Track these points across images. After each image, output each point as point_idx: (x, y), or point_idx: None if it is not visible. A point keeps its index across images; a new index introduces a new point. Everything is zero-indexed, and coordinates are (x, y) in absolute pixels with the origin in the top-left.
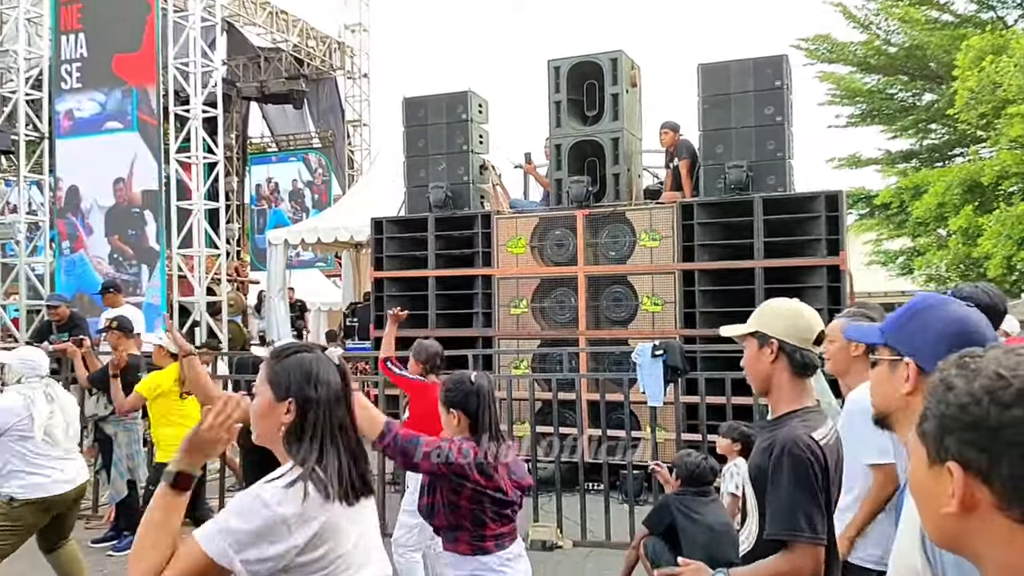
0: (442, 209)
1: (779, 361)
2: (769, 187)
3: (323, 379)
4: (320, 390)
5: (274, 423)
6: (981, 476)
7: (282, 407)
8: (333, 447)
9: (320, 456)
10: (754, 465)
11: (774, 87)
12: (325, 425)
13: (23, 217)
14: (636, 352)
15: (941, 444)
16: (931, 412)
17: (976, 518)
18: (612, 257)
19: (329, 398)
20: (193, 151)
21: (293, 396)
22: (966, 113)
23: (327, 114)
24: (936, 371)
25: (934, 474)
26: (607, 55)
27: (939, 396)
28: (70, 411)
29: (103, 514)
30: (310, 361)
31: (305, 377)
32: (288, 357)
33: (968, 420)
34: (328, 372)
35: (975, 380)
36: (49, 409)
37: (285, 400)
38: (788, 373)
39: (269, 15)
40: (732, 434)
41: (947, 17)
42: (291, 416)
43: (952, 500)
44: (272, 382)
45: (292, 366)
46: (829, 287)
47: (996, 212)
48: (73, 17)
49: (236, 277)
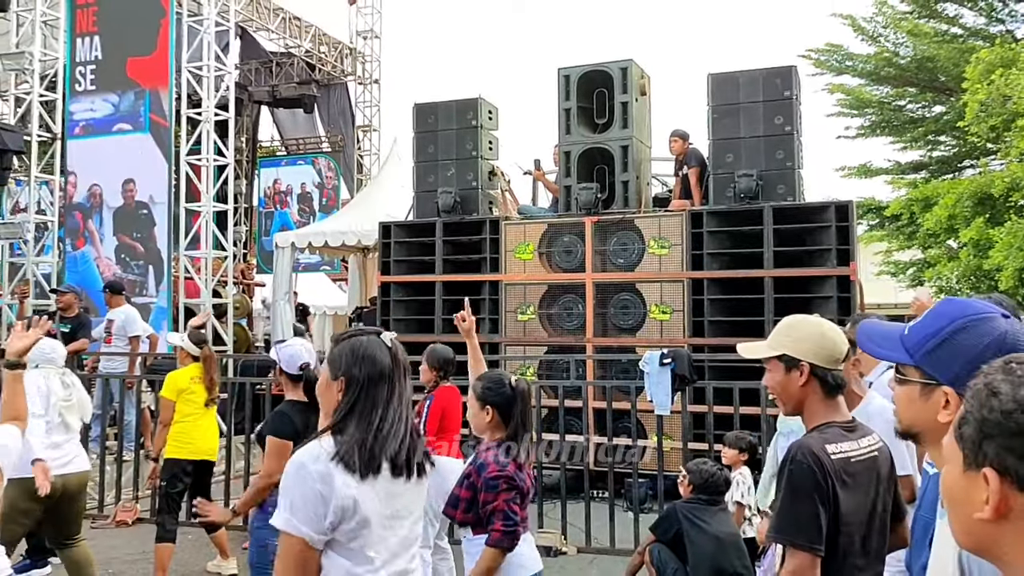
0: (450, 214)
1: (810, 384)
2: (779, 196)
3: (369, 358)
4: (364, 368)
5: (331, 400)
6: (1018, 484)
7: (336, 385)
8: (364, 420)
9: (345, 425)
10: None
11: (783, 97)
12: (360, 399)
13: (32, 217)
14: (644, 360)
15: (980, 449)
16: (972, 416)
17: (1008, 525)
18: (620, 264)
19: (372, 375)
20: (204, 154)
21: (343, 374)
22: (976, 125)
23: (337, 119)
24: (980, 374)
25: (969, 479)
26: (617, 64)
27: (982, 401)
28: (85, 404)
29: (108, 513)
30: (361, 342)
31: (352, 355)
32: (344, 340)
33: (1011, 427)
34: (377, 352)
35: (1021, 387)
36: (66, 394)
37: (338, 379)
38: (820, 395)
39: (282, 21)
40: (739, 444)
41: (956, 30)
42: (341, 392)
43: (986, 506)
44: (330, 362)
45: (343, 346)
46: (839, 297)
47: (1007, 224)
48: (88, 20)
49: (242, 280)
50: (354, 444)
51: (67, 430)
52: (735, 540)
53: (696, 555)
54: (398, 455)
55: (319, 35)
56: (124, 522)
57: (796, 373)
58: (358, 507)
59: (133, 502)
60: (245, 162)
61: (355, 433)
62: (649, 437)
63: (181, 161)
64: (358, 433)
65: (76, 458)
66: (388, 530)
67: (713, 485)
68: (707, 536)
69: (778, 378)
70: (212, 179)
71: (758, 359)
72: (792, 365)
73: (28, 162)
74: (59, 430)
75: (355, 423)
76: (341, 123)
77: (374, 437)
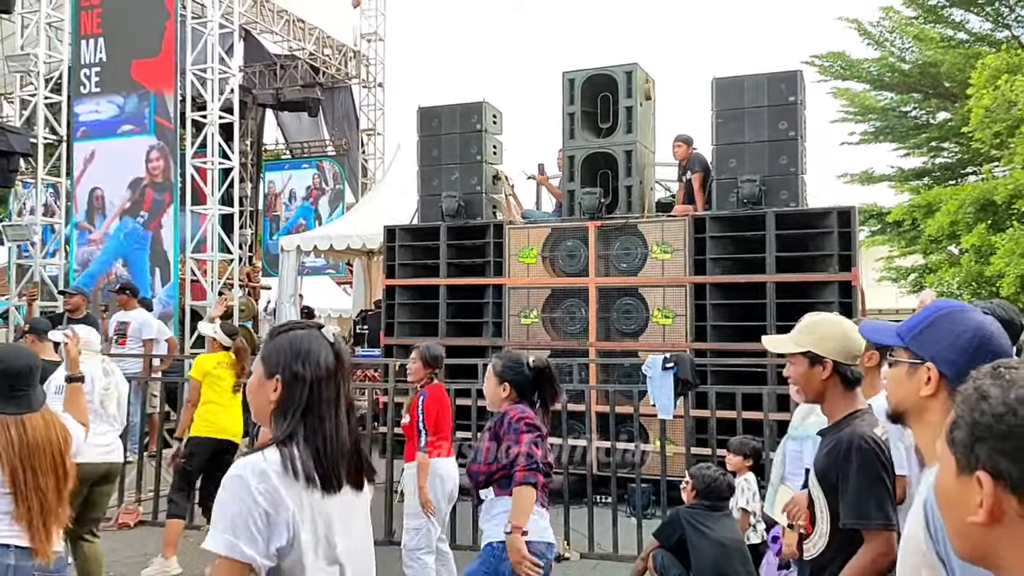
0: (454, 218)
1: (832, 378)
2: (782, 202)
3: (313, 355)
4: (308, 367)
5: (264, 400)
6: (1011, 486)
7: (271, 384)
8: (317, 425)
9: (295, 432)
10: (820, 466)
11: (788, 102)
12: (311, 401)
13: (39, 219)
14: (647, 364)
15: (972, 453)
16: (963, 421)
17: (1002, 528)
18: (623, 269)
19: (318, 375)
20: (209, 156)
21: (280, 372)
22: (980, 131)
23: (341, 122)
24: (969, 380)
25: (962, 483)
26: (622, 68)
27: (972, 405)
28: (123, 390)
29: (111, 516)
30: (301, 338)
31: (294, 354)
32: (281, 335)
33: (1002, 430)
34: (320, 348)
35: (1011, 390)
36: (106, 382)
37: (273, 377)
38: (840, 387)
39: (286, 23)
40: (743, 450)
41: (962, 36)
42: (278, 392)
43: (980, 509)
44: (264, 358)
45: (283, 343)
46: (841, 303)
47: (1009, 231)
48: (93, 22)
49: (247, 282)
50: (310, 454)
51: (107, 417)
52: (739, 546)
53: (699, 561)
54: (350, 464)
55: (323, 38)
56: (126, 524)
57: (819, 368)
58: (315, 524)
59: (135, 504)
60: (250, 165)
61: (308, 441)
62: (652, 442)
63: (186, 164)
64: (312, 441)
65: (117, 448)
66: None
67: (716, 490)
68: (710, 542)
69: (801, 371)
70: (217, 182)
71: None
72: (816, 361)
73: (35, 164)
74: (100, 417)
75: (305, 429)
76: (345, 126)
77: (330, 445)
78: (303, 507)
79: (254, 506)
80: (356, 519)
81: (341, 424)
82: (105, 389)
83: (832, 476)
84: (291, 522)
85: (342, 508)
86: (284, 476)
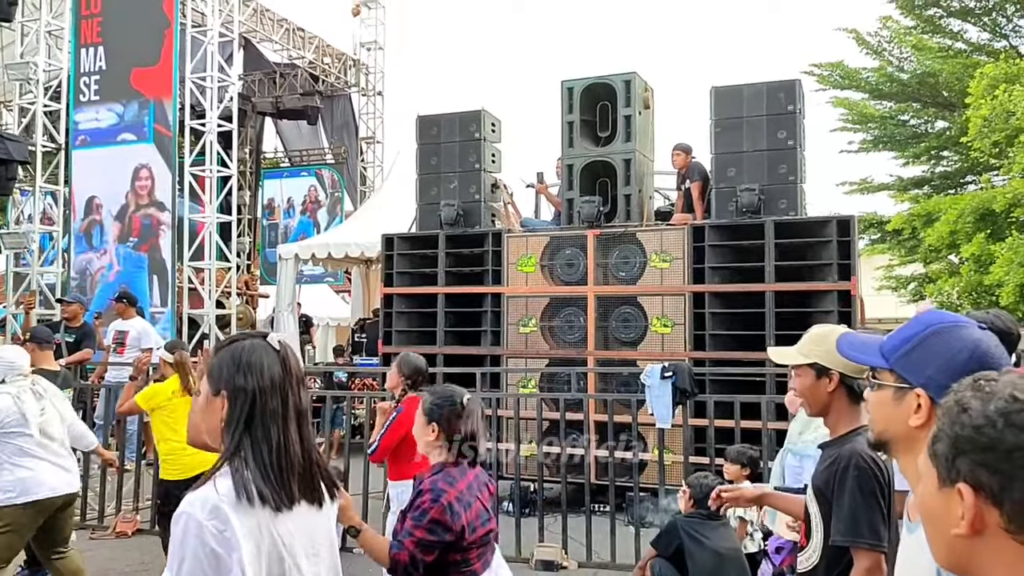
0: (453, 227)
1: (838, 391)
2: (781, 211)
3: (255, 366)
4: (250, 378)
5: (215, 420)
6: (992, 499)
7: (218, 402)
8: (261, 438)
9: (240, 449)
10: (819, 480)
11: (787, 111)
12: (253, 414)
13: (37, 227)
14: (645, 373)
15: (953, 465)
16: (944, 433)
17: (984, 541)
18: (622, 278)
19: (260, 386)
20: (207, 164)
21: (224, 387)
22: (979, 141)
23: (341, 130)
24: (950, 392)
25: (944, 496)
26: (620, 77)
27: (953, 417)
28: (61, 405)
29: (108, 524)
30: (243, 349)
31: (235, 366)
32: (223, 348)
33: (982, 442)
34: (263, 359)
35: (990, 402)
36: (40, 406)
37: (220, 394)
38: (846, 401)
39: (286, 32)
40: (741, 459)
41: (960, 45)
42: (225, 409)
43: (962, 522)
44: (209, 376)
45: (224, 357)
46: (840, 312)
47: (1008, 240)
48: (93, 30)
49: (245, 291)
50: (259, 472)
51: (52, 441)
52: (736, 555)
53: (697, 570)
54: (304, 479)
55: (323, 46)
56: (124, 533)
57: (826, 380)
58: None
59: (133, 513)
60: (249, 173)
61: (256, 458)
62: (651, 451)
63: (185, 172)
64: (260, 457)
65: (69, 476)
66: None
67: None
68: (708, 551)
69: (807, 383)
70: (216, 190)
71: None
72: (823, 373)
73: (33, 172)
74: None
75: (252, 446)
76: (344, 134)
77: (280, 460)
78: (262, 535)
79: (201, 547)
80: (320, 539)
81: (290, 437)
82: (41, 412)
83: (828, 492)
84: (243, 562)
85: (305, 528)
86: (238, 505)
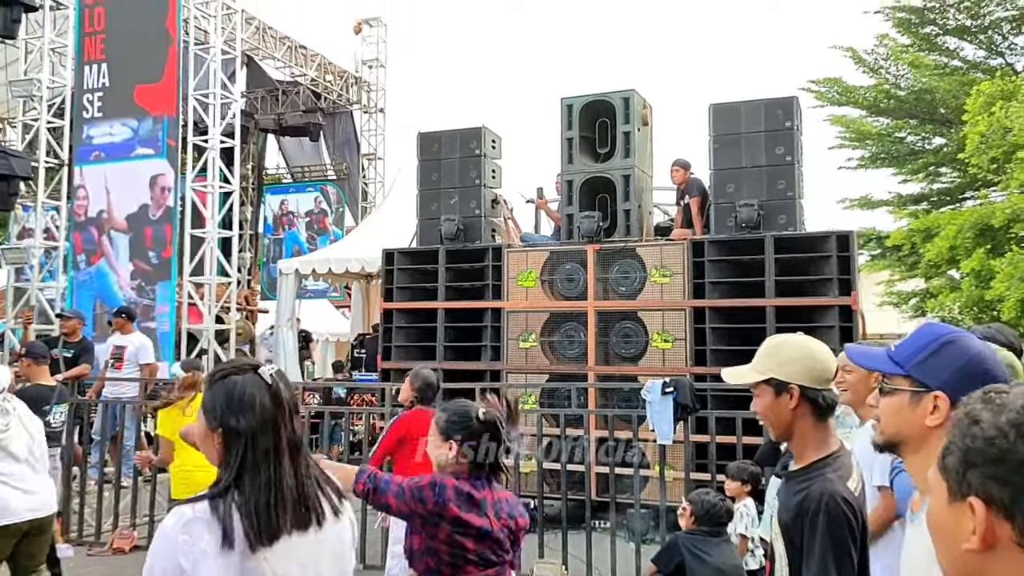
0: (453, 242)
1: (801, 407)
2: (780, 226)
3: (247, 404)
4: (243, 420)
5: (212, 452)
6: (1004, 512)
7: (215, 436)
8: (253, 478)
9: (229, 489)
10: (786, 517)
11: (784, 128)
12: (246, 456)
13: (38, 242)
14: (646, 389)
15: (963, 479)
16: (955, 446)
17: (996, 556)
18: (622, 293)
19: (251, 427)
20: (209, 180)
21: (220, 425)
22: (977, 157)
23: (342, 147)
24: (960, 405)
25: (955, 510)
26: (619, 94)
27: (964, 430)
28: (32, 427)
29: (105, 541)
30: (236, 385)
31: (228, 404)
32: (218, 382)
33: (993, 454)
34: (256, 395)
35: (1002, 414)
36: (4, 422)
37: (216, 430)
38: (812, 419)
39: (288, 49)
40: (741, 475)
41: (956, 63)
42: (220, 443)
43: (973, 536)
44: (205, 410)
45: (219, 392)
46: (841, 327)
47: (1008, 255)
48: (97, 48)
49: (245, 306)
50: (247, 510)
51: (17, 462)
52: (738, 572)
53: None
54: (296, 510)
55: (325, 64)
56: (121, 550)
57: (786, 396)
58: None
59: (131, 529)
60: (251, 189)
61: (248, 495)
62: (652, 467)
63: (187, 188)
64: (251, 496)
65: (45, 501)
66: None
67: (715, 516)
68: (709, 568)
69: (767, 402)
70: (218, 206)
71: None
72: (781, 388)
73: (35, 188)
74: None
75: (248, 483)
76: (346, 151)
77: (272, 498)
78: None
79: (168, 560)
80: (323, 557)
81: (283, 472)
82: (5, 429)
83: (796, 533)
84: None
85: (296, 556)
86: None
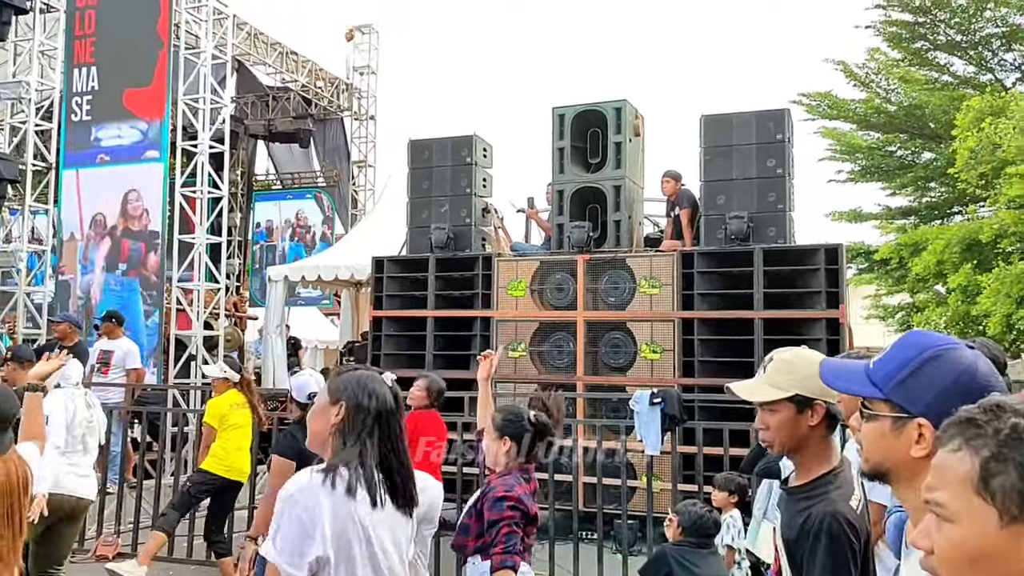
0: (443, 250)
1: (821, 424)
2: (769, 238)
3: (376, 391)
4: (372, 400)
5: (325, 423)
6: None
7: (334, 408)
8: (388, 450)
9: (350, 452)
10: (788, 534)
11: (775, 140)
12: (372, 431)
13: (25, 246)
14: (634, 400)
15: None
16: (1012, 464)
17: None
18: (612, 303)
19: (380, 409)
20: (198, 186)
21: (346, 399)
22: (966, 172)
23: (333, 154)
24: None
25: (1012, 534)
26: (611, 104)
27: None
28: (103, 424)
29: (88, 548)
30: (366, 375)
31: (359, 385)
32: (349, 372)
33: None
34: (382, 388)
35: None
36: (88, 415)
37: (338, 403)
38: (823, 433)
39: (279, 55)
40: (728, 486)
41: (946, 78)
42: (340, 416)
43: None
44: (329, 388)
45: (349, 377)
46: (828, 340)
47: (995, 270)
48: (86, 51)
49: (234, 312)
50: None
51: (86, 451)
52: None
53: None
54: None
55: (316, 70)
56: (105, 556)
57: (808, 413)
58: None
59: (115, 536)
60: (240, 195)
61: (363, 462)
62: (639, 478)
63: (176, 193)
64: (386, 463)
65: (89, 481)
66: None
67: (703, 527)
68: None
69: (784, 419)
70: (207, 211)
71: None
72: (805, 405)
73: (23, 191)
74: (79, 450)
75: (378, 453)
76: (336, 158)
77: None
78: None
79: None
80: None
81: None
82: (88, 422)
83: (798, 554)
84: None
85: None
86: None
